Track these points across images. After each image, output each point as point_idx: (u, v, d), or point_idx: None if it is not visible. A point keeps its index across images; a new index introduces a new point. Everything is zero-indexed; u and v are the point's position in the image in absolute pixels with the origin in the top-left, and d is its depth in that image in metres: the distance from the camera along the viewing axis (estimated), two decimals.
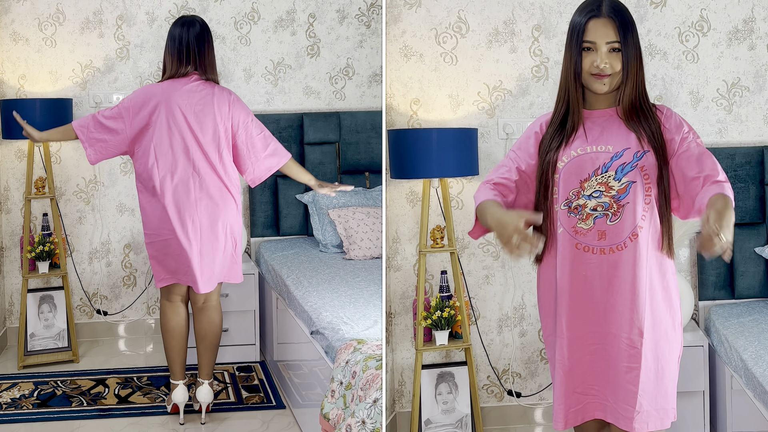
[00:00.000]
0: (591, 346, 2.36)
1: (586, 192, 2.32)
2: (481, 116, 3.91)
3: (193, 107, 3.54)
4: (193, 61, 3.60)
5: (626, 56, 2.32)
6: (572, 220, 2.33)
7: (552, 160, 2.38)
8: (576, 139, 2.37)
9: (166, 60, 3.63)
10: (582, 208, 2.33)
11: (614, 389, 2.35)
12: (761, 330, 3.44)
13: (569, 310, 2.37)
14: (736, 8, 3.87)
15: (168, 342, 3.75)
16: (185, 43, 3.59)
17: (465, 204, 3.94)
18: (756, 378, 3.08)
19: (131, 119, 3.57)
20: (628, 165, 2.31)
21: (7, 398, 3.96)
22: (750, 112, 3.90)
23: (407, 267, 3.95)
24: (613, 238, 2.31)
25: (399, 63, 3.88)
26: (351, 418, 2.74)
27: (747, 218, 3.84)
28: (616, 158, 2.32)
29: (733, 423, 3.41)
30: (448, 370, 3.79)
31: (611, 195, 2.31)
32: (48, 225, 4.50)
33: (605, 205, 2.31)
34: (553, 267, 2.41)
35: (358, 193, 4.67)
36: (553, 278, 2.41)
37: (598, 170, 2.32)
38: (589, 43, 2.33)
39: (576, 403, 2.40)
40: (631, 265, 2.31)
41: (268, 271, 4.42)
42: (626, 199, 2.31)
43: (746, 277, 3.81)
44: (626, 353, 2.32)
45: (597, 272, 2.33)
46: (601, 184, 2.32)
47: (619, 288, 2.32)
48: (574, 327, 2.37)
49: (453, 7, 3.87)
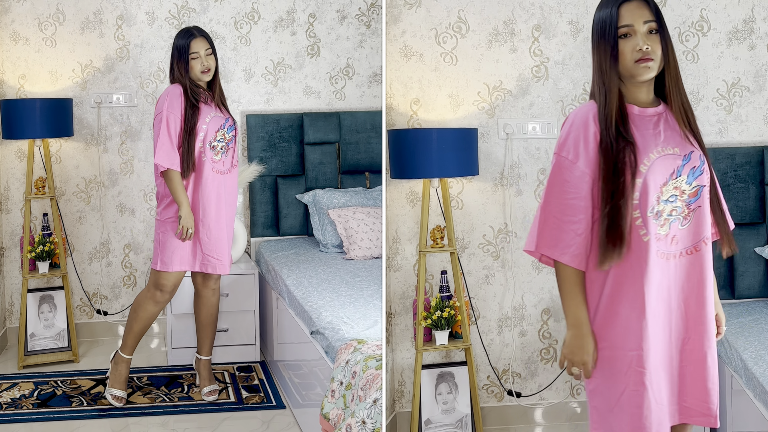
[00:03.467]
0: (664, 352, 2.30)
1: (664, 197, 2.24)
2: (481, 116, 3.91)
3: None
4: None
5: (664, 38, 2.23)
6: (655, 226, 2.24)
7: (630, 163, 2.21)
8: (637, 139, 2.24)
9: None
10: (661, 214, 2.25)
11: (690, 389, 2.34)
12: (761, 330, 3.44)
13: (653, 318, 2.28)
14: (736, 8, 3.87)
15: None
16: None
17: (465, 204, 3.94)
18: (756, 378, 3.08)
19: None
20: (698, 168, 2.27)
21: (7, 398, 3.96)
22: (750, 112, 3.90)
23: (407, 267, 3.95)
24: (686, 243, 2.27)
25: (399, 63, 3.88)
26: (351, 418, 2.74)
27: (747, 218, 3.84)
28: (686, 161, 2.26)
29: (733, 423, 3.41)
30: (448, 370, 3.80)
31: (683, 199, 2.26)
32: (48, 225, 4.50)
33: (678, 210, 2.26)
34: (630, 276, 2.25)
35: (358, 193, 4.67)
36: (632, 288, 2.26)
37: (673, 174, 2.25)
38: (626, 28, 2.21)
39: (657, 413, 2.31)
40: (703, 269, 2.29)
41: (268, 271, 4.42)
42: (697, 202, 2.28)
43: (746, 277, 3.81)
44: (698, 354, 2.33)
45: (672, 278, 2.27)
46: (676, 188, 2.25)
47: (691, 292, 2.29)
48: (654, 335, 2.29)
49: (453, 7, 3.87)
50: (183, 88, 3.73)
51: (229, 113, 3.87)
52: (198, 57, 3.73)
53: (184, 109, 3.70)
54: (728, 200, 3.80)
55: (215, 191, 3.78)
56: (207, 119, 3.74)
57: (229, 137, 3.81)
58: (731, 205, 3.81)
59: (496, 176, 3.93)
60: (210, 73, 3.75)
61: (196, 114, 3.71)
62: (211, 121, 3.75)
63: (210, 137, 3.75)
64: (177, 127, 3.69)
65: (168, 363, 4.43)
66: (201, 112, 3.73)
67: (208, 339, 4.06)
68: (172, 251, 3.78)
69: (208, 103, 3.78)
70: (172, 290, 3.89)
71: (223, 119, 3.80)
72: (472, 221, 3.94)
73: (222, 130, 3.78)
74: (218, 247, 3.83)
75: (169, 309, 4.36)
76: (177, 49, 3.76)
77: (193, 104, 3.71)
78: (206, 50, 3.74)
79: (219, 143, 3.77)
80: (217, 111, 3.79)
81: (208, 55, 3.74)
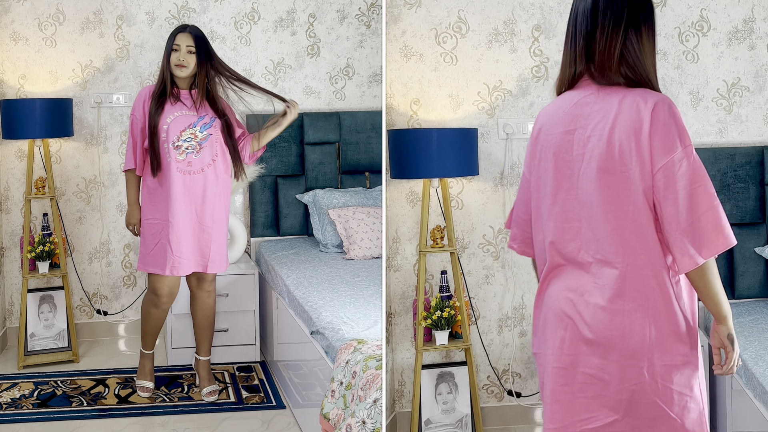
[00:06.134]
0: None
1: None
2: (481, 116, 3.91)
3: None
4: None
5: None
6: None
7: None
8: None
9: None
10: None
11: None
12: (761, 330, 3.44)
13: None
14: (736, 8, 3.87)
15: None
16: None
17: (465, 204, 3.94)
18: (756, 378, 3.08)
19: None
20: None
21: (7, 398, 3.96)
22: (750, 112, 3.90)
23: (407, 267, 3.95)
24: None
25: (399, 63, 3.88)
26: (351, 418, 2.74)
27: (747, 218, 3.84)
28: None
29: (733, 423, 3.41)
30: (448, 370, 3.80)
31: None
32: (48, 225, 4.50)
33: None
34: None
35: (358, 193, 4.67)
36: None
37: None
38: None
39: None
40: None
41: (268, 271, 4.42)
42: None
43: (746, 277, 3.81)
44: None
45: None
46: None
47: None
48: None
49: (453, 7, 3.87)
50: (158, 85, 3.77)
51: (216, 111, 3.81)
52: (178, 50, 3.73)
53: (149, 110, 3.75)
54: (728, 200, 3.81)
55: (182, 192, 3.75)
56: (168, 119, 3.74)
57: (202, 136, 3.77)
58: (731, 205, 3.81)
59: (496, 176, 3.93)
60: (186, 69, 3.74)
61: (159, 114, 3.74)
62: (173, 121, 3.74)
63: (173, 137, 3.74)
64: (138, 129, 3.81)
65: (168, 363, 4.43)
66: (164, 113, 3.74)
67: (206, 340, 4.07)
68: (146, 252, 3.84)
69: (179, 102, 3.77)
70: (168, 294, 3.90)
71: (194, 118, 3.77)
72: (472, 221, 3.94)
73: (191, 129, 3.76)
74: (188, 247, 3.81)
75: (170, 309, 4.36)
76: (167, 41, 3.80)
77: (161, 104, 3.76)
78: (188, 46, 3.72)
79: (185, 143, 3.74)
80: (187, 110, 3.77)
81: (189, 52, 3.72)
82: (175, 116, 3.74)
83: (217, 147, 3.80)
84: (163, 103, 3.75)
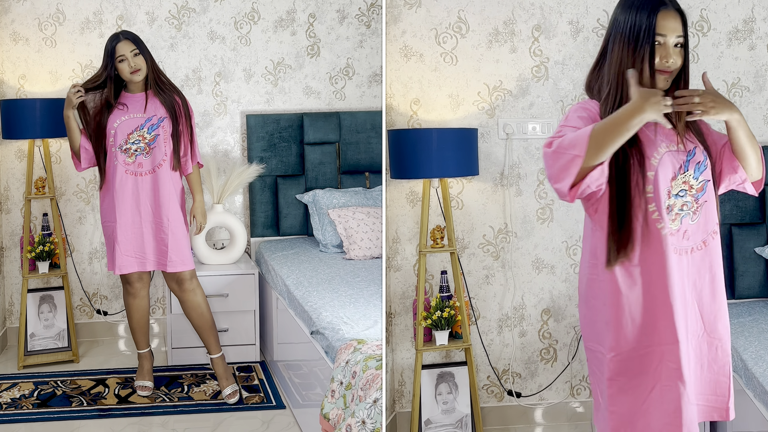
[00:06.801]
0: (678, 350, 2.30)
1: (674, 191, 2.25)
2: (481, 116, 3.91)
3: None
4: None
5: (687, 53, 2.26)
6: (667, 220, 2.24)
7: (642, 153, 2.22)
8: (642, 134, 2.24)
9: None
10: (672, 208, 2.25)
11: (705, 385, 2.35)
12: (761, 330, 3.44)
13: (675, 313, 2.25)
14: (736, 8, 3.87)
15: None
16: None
17: (465, 204, 3.94)
18: (756, 378, 3.08)
19: None
20: (702, 163, 2.29)
21: (7, 398, 3.96)
22: (750, 112, 3.90)
23: (407, 267, 3.95)
24: (696, 238, 2.28)
25: (399, 63, 3.88)
26: (351, 418, 2.74)
27: (747, 218, 3.84)
28: (690, 156, 2.28)
29: (733, 423, 3.41)
30: (448, 370, 3.80)
31: (692, 194, 2.27)
32: (48, 225, 4.50)
33: (688, 204, 2.27)
34: (652, 272, 2.24)
35: (358, 193, 4.67)
36: (656, 282, 2.24)
37: (680, 168, 2.26)
38: (659, 37, 2.22)
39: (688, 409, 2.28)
40: (713, 263, 2.30)
41: (268, 271, 4.42)
42: (704, 197, 2.29)
43: (746, 277, 3.81)
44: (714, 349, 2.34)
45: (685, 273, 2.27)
46: (685, 182, 2.27)
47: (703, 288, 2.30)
48: (682, 331, 2.27)
49: (453, 7, 3.87)
50: (101, 96, 3.83)
51: (167, 108, 3.83)
52: (125, 59, 3.76)
53: (98, 115, 3.82)
54: (728, 200, 3.81)
55: (130, 193, 3.82)
56: (115, 124, 3.80)
57: (150, 137, 3.81)
58: (731, 205, 3.81)
59: (496, 176, 3.93)
60: (140, 72, 3.78)
61: (105, 119, 3.81)
62: (120, 125, 3.80)
63: (120, 140, 3.80)
64: (90, 133, 3.87)
65: (168, 363, 4.42)
66: (111, 117, 3.81)
67: (210, 337, 4.04)
68: (108, 252, 3.94)
69: (127, 106, 3.82)
70: (138, 279, 3.98)
71: (141, 120, 3.81)
72: (472, 221, 3.94)
73: (139, 131, 3.80)
74: (140, 246, 3.86)
75: (169, 309, 4.36)
76: (104, 54, 3.81)
77: (109, 110, 3.82)
78: (132, 51, 3.77)
79: (134, 145, 3.80)
80: (136, 113, 3.81)
81: (135, 55, 3.77)
82: (121, 120, 3.81)
83: (167, 147, 3.86)
84: (111, 108, 3.83)
